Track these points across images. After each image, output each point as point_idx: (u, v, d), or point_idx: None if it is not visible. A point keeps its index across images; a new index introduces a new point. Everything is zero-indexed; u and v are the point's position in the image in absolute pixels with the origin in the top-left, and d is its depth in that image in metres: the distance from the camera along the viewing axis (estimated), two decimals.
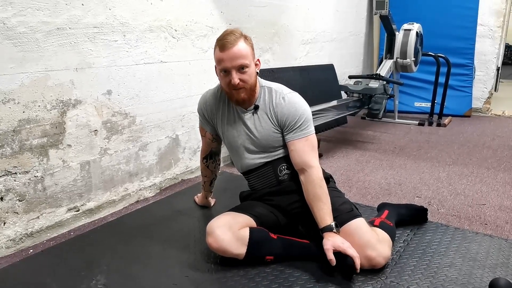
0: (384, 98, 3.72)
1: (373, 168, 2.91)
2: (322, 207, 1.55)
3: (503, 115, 4.85)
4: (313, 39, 4.04)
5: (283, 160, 1.72)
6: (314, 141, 1.66)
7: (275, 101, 1.66)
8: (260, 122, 1.68)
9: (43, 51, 1.85)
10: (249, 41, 1.59)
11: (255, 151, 1.73)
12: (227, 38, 1.53)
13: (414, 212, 1.98)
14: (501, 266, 1.60)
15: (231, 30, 1.58)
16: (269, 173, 1.74)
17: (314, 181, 1.58)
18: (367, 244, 1.52)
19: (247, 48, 1.57)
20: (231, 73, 1.55)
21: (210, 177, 2.04)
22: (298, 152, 1.63)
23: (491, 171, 2.82)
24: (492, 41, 4.64)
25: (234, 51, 1.52)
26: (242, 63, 1.55)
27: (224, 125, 1.76)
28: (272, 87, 1.70)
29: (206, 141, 1.91)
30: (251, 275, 1.57)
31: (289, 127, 1.64)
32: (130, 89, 2.27)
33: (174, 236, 1.91)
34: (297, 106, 1.65)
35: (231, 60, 1.54)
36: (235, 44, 1.52)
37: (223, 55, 1.54)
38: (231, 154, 1.84)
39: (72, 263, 1.70)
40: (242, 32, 1.59)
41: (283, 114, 1.64)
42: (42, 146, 1.90)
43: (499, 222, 2.04)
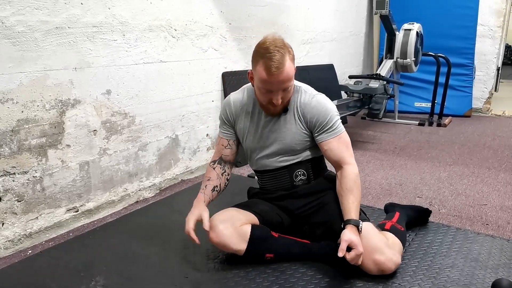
0: (384, 98, 3.71)
1: (373, 168, 2.90)
2: (353, 201, 1.52)
3: (503, 115, 4.84)
4: (313, 39, 4.03)
5: (301, 165, 1.69)
6: (347, 138, 1.64)
7: (303, 101, 1.61)
8: (286, 124, 1.63)
9: (42, 51, 1.84)
10: (291, 53, 1.49)
11: (277, 153, 1.67)
12: (274, 58, 1.41)
13: (419, 214, 1.96)
14: (503, 267, 1.59)
15: (275, 41, 1.44)
16: (285, 177, 1.70)
17: (349, 175, 1.56)
18: (375, 248, 1.48)
19: (292, 66, 1.48)
20: (275, 94, 1.49)
21: (213, 181, 1.70)
22: (334, 151, 1.60)
23: (492, 171, 2.81)
24: (492, 41, 4.64)
25: (283, 75, 1.44)
26: (288, 86, 1.49)
27: (246, 128, 1.69)
28: (301, 87, 1.64)
29: (219, 148, 1.77)
30: (252, 275, 1.55)
31: (321, 127, 1.59)
32: (130, 89, 2.26)
33: (174, 237, 1.90)
34: (327, 106, 1.60)
35: (279, 84, 1.46)
36: (283, 66, 1.42)
37: (271, 78, 1.44)
38: (249, 155, 1.77)
39: (71, 264, 1.69)
40: (284, 43, 1.48)
41: (313, 115, 1.59)
42: (41, 146, 1.89)
43: (501, 222, 2.03)
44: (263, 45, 1.45)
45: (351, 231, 1.44)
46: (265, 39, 1.47)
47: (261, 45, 1.46)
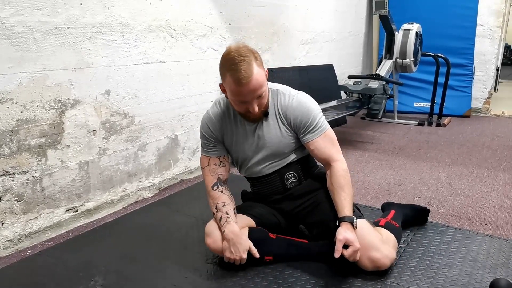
0: (384, 98, 3.71)
1: (372, 168, 2.91)
2: (345, 197, 1.52)
3: (502, 115, 4.84)
4: (313, 39, 4.03)
5: (291, 168, 1.68)
6: (332, 135, 1.62)
7: (284, 103, 1.58)
8: (270, 129, 1.60)
9: (42, 51, 1.84)
10: (258, 58, 1.44)
11: (266, 160, 1.65)
12: (241, 68, 1.36)
13: (417, 213, 1.96)
14: (502, 267, 1.59)
15: (239, 50, 1.39)
16: (276, 181, 1.69)
17: (338, 172, 1.56)
18: (370, 245, 1.49)
19: (261, 72, 1.43)
20: (250, 103, 1.45)
21: (230, 205, 1.62)
22: (320, 150, 1.58)
23: (491, 171, 2.81)
24: (492, 41, 4.64)
25: (252, 84, 1.39)
26: (261, 93, 1.45)
27: (233, 140, 1.65)
28: (278, 89, 1.61)
29: (211, 169, 1.66)
30: (251, 275, 1.56)
31: (305, 128, 1.57)
32: (129, 89, 2.27)
33: (173, 237, 1.90)
34: (308, 105, 1.58)
35: (251, 93, 1.42)
36: (252, 75, 1.37)
37: (241, 89, 1.40)
38: (238, 164, 1.74)
39: (71, 264, 1.69)
40: (249, 49, 1.42)
41: (296, 117, 1.56)
42: (41, 146, 1.89)
43: (499, 222, 2.04)
44: (228, 57, 1.40)
45: (346, 228, 1.45)
46: (229, 50, 1.41)
47: (226, 57, 1.41)
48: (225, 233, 1.54)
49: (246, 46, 1.43)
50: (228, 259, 1.55)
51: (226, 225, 1.55)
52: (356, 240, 1.42)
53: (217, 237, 1.56)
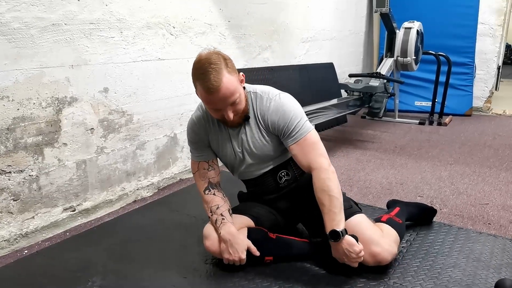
0: (385, 96, 3.69)
1: (374, 168, 2.88)
2: (324, 212, 1.44)
3: (503, 114, 4.82)
4: (313, 37, 4.00)
5: (282, 166, 1.64)
6: (313, 138, 1.51)
7: (262, 108, 1.52)
8: (253, 133, 1.56)
9: (38, 48, 1.81)
10: (229, 64, 1.39)
11: (253, 163, 1.61)
12: (210, 77, 1.32)
13: (423, 212, 1.94)
14: (506, 267, 1.56)
15: (208, 58, 1.35)
16: (269, 181, 1.66)
17: (315, 185, 1.47)
18: (369, 240, 1.47)
19: (233, 79, 1.38)
20: (224, 110, 1.42)
21: (225, 206, 1.59)
22: (300, 156, 1.51)
23: (493, 170, 2.79)
24: (493, 39, 4.62)
25: (222, 92, 1.35)
26: (233, 100, 1.40)
27: (218, 145, 1.62)
28: (257, 92, 1.55)
29: (201, 174, 1.64)
30: (251, 276, 1.53)
31: (284, 132, 1.51)
32: (127, 87, 2.24)
33: (172, 237, 1.87)
34: (285, 108, 1.50)
35: (223, 101, 1.38)
36: (221, 83, 1.33)
37: (211, 98, 1.37)
38: (228, 168, 1.72)
39: (68, 264, 1.66)
40: (218, 55, 1.37)
41: (273, 121, 1.51)
42: (37, 144, 1.86)
43: (503, 221, 2.01)
44: (198, 65, 1.37)
45: (333, 246, 1.45)
46: (199, 57, 1.37)
47: (196, 65, 1.37)
48: (221, 234, 1.51)
49: (217, 53, 1.39)
50: (228, 261, 1.52)
51: (222, 226, 1.52)
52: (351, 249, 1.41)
53: (216, 239, 1.53)
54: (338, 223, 1.41)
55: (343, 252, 1.42)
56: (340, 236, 1.39)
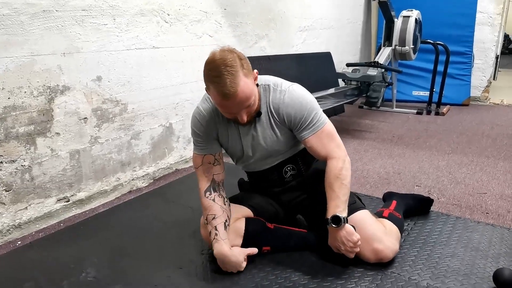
0: (383, 86, 3.66)
1: (371, 157, 2.86)
2: (332, 197, 1.42)
3: (501, 103, 4.80)
4: (310, 26, 3.95)
5: (289, 161, 1.61)
6: (330, 129, 1.49)
7: (275, 100, 1.45)
8: (264, 129, 1.49)
9: (29, 35, 1.76)
10: (245, 66, 1.31)
11: (262, 159, 1.57)
12: (226, 81, 1.24)
13: (419, 203, 1.92)
14: (504, 256, 1.55)
15: (224, 58, 1.26)
16: (274, 175, 1.63)
17: (331, 171, 1.44)
18: (372, 237, 1.45)
19: (249, 82, 1.30)
20: (238, 113, 1.35)
21: (221, 218, 1.48)
22: (317, 148, 1.47)
23: (491, 159, 2.77)
24: (492, 28, 4.57)
25: (239, 98, 1.28)
26: (249, 104, 1.33)
27: (228, 140, 1.54)
28: (269, 84, 1.47)
29: (205, 169, 1.53)
30: (248, 266, 1.51)
31: (300, 125, 1.45)
32: (121, 76, 2.19)
33: (168, 227, 1.85)
34: (301, 100, 1.44)
35: (238, 106, 1.31)
36: (237, 87, 1.25)
37: (227, 103, 1.30)
38: (233, 159, 1.66)
39: (62, 255, 1.64)
40: (233, 55, 1.28)
41: (289, 114, 1.44)
42: (29, 134, 1.83)
43: (501, 211, 2.00)
44: (211, 65, 1.27)
45: (331, 233, 1.43)
46: (213, 57, 1.28)
47: (210, 65, 1.28)
48: (214, 253, 1.45)
49: (231, 52, 1.29)
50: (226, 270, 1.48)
51: (214, 244, 1.44)
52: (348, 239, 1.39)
53: None
54: (342, 210, 1.40)
55: (341, 240, 1.40)
56: (341, 221, 1.38)
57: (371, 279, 1.42)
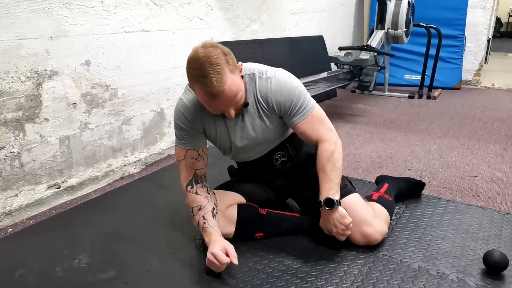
0: (375, 70, 3.65)
1: (363, 142, 2.87)
2: (325, 180, 1.42)
3: (492, 87, 4.83)
4: (302, 9, 3.90)
5: (279, 148, 1.59)
6: (319, 112, 1.47)
7: (262, 89, 1.41)
8: (253, 119, 1.45)
9: (14, 18, 1.71)
10: (231, 61, 1.26)
11: (251, 149, 1.54)
12: (211, 81, 1.19)
13: (412, 186, 1.94)
14: (494, 238, 1.58)
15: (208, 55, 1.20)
16: (264, 163, 1.61)
17: (322, 154, 1.43)
18: (363, 220, 1.47)
19: (235, 78, 1.26)
20: (225, 110, 1.31)
21: (208, 207, 1.45)
22: (308, 132, 1.45)
23: (482, 143, 2.80)
24: (484, 11, 4.56)
25: (227, 96, 1.24)
26: (237, 100, 1.30)
27: (216, 134, 1.50)
28: (254, 73, 1.42)
29: (187, 164, 1.49)
30: (241, 251, 1.51)
31: (290, 111, 1.42)
32: (111, 60, 2.15)
33: (161, 213, 1.85)
34: (289, 86, 1.41)
35: (225, 104, 1.28)
36: (224, 86, 1.21)
37: (213, 102, 1.26)
38: (221, 151, 1.62)
39: (54, 242, 1.63)
40: (218, 51, 1.23)
41: (277, 102, 1.41)
42: (18, 120, 1.79)
43: (491, 194, 2.02)
44: (195, 65, 1.21)
45: (324, 215, 1.43)
46: (196, 55, 1.21)
47: (193, 64, 1.22)
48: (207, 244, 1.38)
49: (215, 47, 1.23)
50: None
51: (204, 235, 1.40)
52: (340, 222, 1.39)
53: None
54: (335, 193, 1.40)
55: (333, 223, 1.40)
56: (334, 204, 1.38)
57: (364, 262, 1.44)
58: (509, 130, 3.10)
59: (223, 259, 1.30)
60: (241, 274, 1.40)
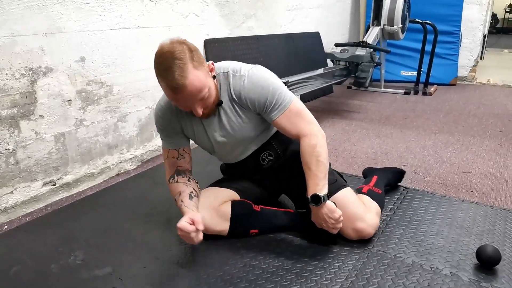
0: (371, 66, 3.65)
1: (359, 138, 2.88)
2: (310, 176, 1.40)
3: (488, 83, 4.84)
4: (298, 5, 3.90)
5: (265, 147, 1.59)
6: (297, 106, 1.45)
7: (236, 87, 1.41)
8: (229, 117, 1.46)
9: (8, 14, 1.70)
10: (195, 57, 1.26)
11: (234, 149, 1.55)
12: (172, 75, 1.21)
13: (396, 176, 1.99)
14: (488, 233, 1.59)
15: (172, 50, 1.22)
16: (251, 164, 1.61)
17: (305, 150, 1.42)
18: (355, 215, 1.48)
19: (199, 74, 1.26)
20: (192, 106, 1.32)
21: (186, 191, 1.49)
22: (288, 127, 1.44)
23: (476, 139, 2.81)
24: (480, 7, 4.57)
25: (189, 90, 1.24)
26: (201, 96, 1.29)
27: (194, 133, 1.53)
28: (228, 71, 1.42)
29: (170, 163, 1.55)
30: (236, 247, 1.52)
31: (265, 108, 1.42)
32: (106, 56, 2.15)
33: (156, 210, 1.85)
34: (262, 83, 1.39)
35: (189, 99, 1.28)
36: (185, 80, 1.22)
37: (176, 97, 1.27)
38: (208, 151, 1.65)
39: (49, 239, 1.63)
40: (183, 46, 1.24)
41: (252, 99, 1.40)
42: (13, 117, 1.79)
43: (485, 189, 2.04)
44: (159, 59, 1.24)
45: (314, 211, 1.42)
46: (161, 50, 1.24)
47: (158, 59, 1.24)
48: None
49: (181, 43, 1.25)
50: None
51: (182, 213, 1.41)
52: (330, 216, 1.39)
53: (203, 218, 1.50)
54: (322, 188, 1.39)
55: (323, 218, 1.40)
56: (321, 200, 1.37)
57: (358, 257, 1.45)
58: (504, 126, 3.12)
59: (187, 227, 1.31)
60: (237, 270, 1.40)
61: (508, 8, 12.05)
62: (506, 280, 1.32)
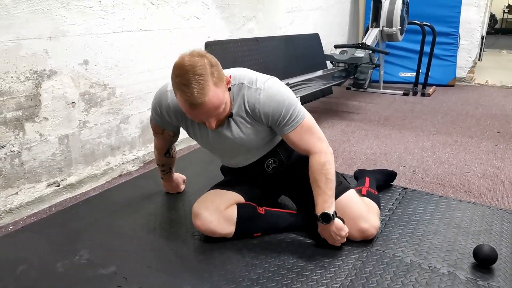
0: (370, 67, 3.68)
1: (358, 139, 2.91)
2: (318, 193, 1.43)
3: (486, 84, 4.88)
4: (298, 7, 3.93)
5: (269, 155, 1.60)
6: (309, 122, 1.45)
7: (251, 100, 1.38)
8: (239, 128, 1.45)
9: (13, 18, 1.73)
10: (216, 74, 1.22)
11: (240, 156, 1.57)
12: (192, 91, 1.18)
13: (387, 177, 2.03)
14: (485, 233, 1.62)
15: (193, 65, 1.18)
16: (255, 170, 1.63)
17: (313, 166, 1.44)
18: (359, 216, 1.52)
19: (218, 91, 1.23)
20: (206, 120, 1.31)
21: (170, 164, 1.87)
22: (297, 143, 1.44)
23: (474, 139, 2.85)
24: (478, 9, 4.60)
25: (207, 108, 1.23)
26: (218, 113, 1.28)
27: (197, 138, 1.55)
28: (243, 82, 1.39)
29: (165, 138, 1.65)
30: (238, 247, 1.55)
31: (278, 122, 1.40)
32: (109, 59, 2.17)
33: (159, 210, 1.88)
34: (278, 98, 1.37)
35: (205, 115, 1.27)
36: (205, 97, 1.19)
37: (193, 112, 1.25)
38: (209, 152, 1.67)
39: (54, 238, 1.66)
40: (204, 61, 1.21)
41: (266, 114, 1.39)
42: (17, 119, 1.82)
43: (483, 189, 2.07)
44: (179, 72, 1.20)
45: (321, 228, 1.48)
46: (182, 62, 1.20)
47: (177, 72, 1.21)
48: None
49: (202, 57, 1.21)
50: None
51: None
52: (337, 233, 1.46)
53: (206, 219, 1.53)
54: (330, 205, 1.43)
55: (329, 234, 1.47)
56: (331, 219, 1.42)
57: (357, 257, 1.48)
58: (501, 127, 3.15)
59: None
60: (239, 269, 1.43)
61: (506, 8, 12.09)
62: (502, 278, 1.35)
